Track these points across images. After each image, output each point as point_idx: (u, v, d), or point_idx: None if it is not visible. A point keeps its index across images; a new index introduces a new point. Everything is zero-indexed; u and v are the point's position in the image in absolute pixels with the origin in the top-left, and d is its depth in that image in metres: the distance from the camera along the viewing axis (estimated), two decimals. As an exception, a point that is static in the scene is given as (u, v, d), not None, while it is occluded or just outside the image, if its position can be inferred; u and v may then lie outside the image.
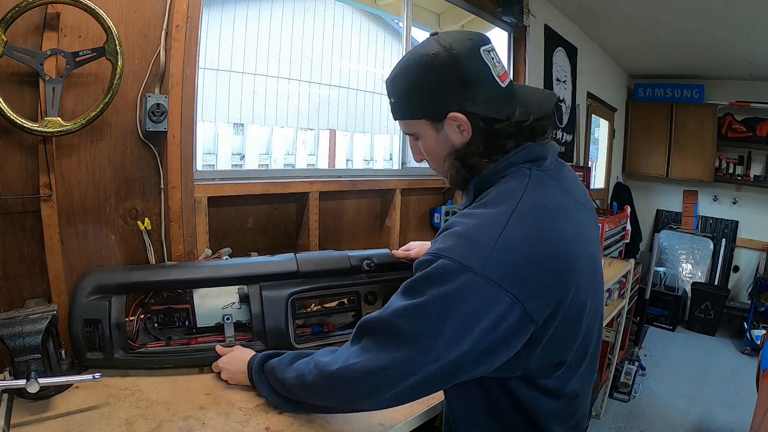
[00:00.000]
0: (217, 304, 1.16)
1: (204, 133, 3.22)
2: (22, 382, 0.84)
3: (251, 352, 1.03)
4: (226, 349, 1.08)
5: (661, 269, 4.58)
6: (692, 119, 4.56)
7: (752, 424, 1.79)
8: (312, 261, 1.24)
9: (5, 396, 0.89)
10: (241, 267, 1.18)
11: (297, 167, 3.69)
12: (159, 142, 1.27)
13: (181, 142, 1.29)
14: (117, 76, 1.09)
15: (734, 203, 4.66)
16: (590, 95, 3.92)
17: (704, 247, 4.66)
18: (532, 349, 0.69)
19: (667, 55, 4.00)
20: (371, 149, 4.39)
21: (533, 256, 0.66)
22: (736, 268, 4.65)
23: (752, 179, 4.44)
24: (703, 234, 4.73)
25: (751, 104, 4.28)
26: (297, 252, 1.28)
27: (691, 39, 3.45)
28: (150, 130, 1.22)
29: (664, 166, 4.76)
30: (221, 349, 1.09)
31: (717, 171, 4.53)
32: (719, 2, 2.72)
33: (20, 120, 0.99)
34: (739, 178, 4.48)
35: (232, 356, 1.05)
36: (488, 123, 0.75)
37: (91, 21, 1.06)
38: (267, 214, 1.62)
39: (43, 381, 0.86)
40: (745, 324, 3.92)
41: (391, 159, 4.23)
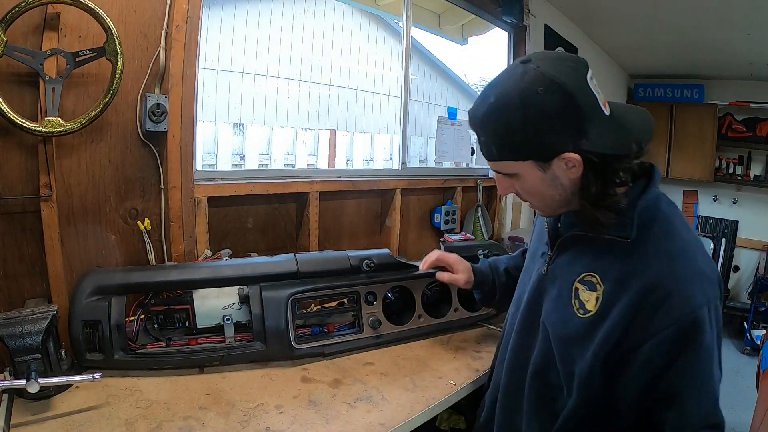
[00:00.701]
0: (217, 304, 1.16)
1: (204, 133, 3.22)
2: (22, 382, 0.84)
3: None
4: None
5: (662, 269, 4.56)
6: (692, 119, 4.55)
7: (752, 424, 1.78)
8: (312, 261, 1.24)
9: (5, 396, 0.89)
10: (241, 267, 1.18)
11: (297, 167, 3.69)
12: (159, 142, 1.27)
13: (181, 142, 1.29)
14: (117, 76, 1.09)
15: (734, 203, 4.66)
16: (590, 95, 3.91)
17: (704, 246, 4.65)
18: None
19: (667, 55, 3.99)
20: (371, 149, 4.40)
21: None
22: (736, 268, 4.64)
23: (752, 179, 4.43)
24: (703, 234, 4.71)
25: (751, 104, 4.27)
26: (297, 252, 1.28)
27: (691, 39, 3.45)
28: (150, 130, 1.23)
29: (664, 166, 4.74)
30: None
31: (717, 171, 4.52)
32: (719, 2, 2.72)
33: (20, 120, 1.00)
34: (739, 178, 4.47)
35: None
36: (602, 157, 0.70)
37: (91, 21, 1.06)
38: (267, 214, 1.62)
39: (43, 381, 0.86)
40: (745, 324, 3.92)
41: (391, 159, 4.23)
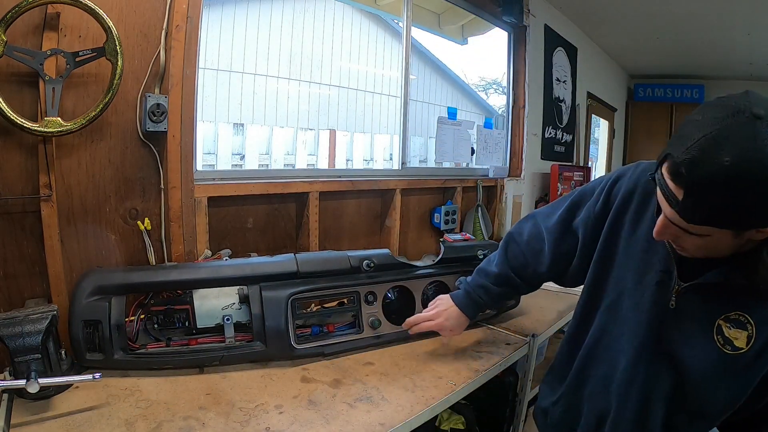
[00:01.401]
0: (217, 304, 1.16)
1: (204, 133, 3.21)
2: (22, 382, 0.84)
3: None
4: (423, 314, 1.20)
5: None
6: (692, 119, 4.56)
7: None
8: (312, 261, 1.24)
9: (5, 396, 0.89)
10: (241, 267, 1.18)
11: (297, 167, 3.68)
12: (159, 142, 1.27)
13: (181, 142, 1.29)
14: (117, 76, 1.09)
15: (734, 203, 4.66)
16: (590, 95, 3.92)
17: (704, 246, 4.64)
18: None
19: (667, 55, 4.00)
20: (371, 149, 4.39)
21: None
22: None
23: (752, 179, 4.44)
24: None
25: (751, 104, 4.27)
26: (297, 252, 1.28)
27: (691, 39, 3.45)
28: (150, 130, 1.22)
29: (664, 166, 4.75)
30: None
31: (717, 171, 4.53)
32: (719, 2, 2.72)
33: (20, 120, 1.00)
34: (739, 178, 4.48)
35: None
36: None
37: (91, 21, 1.06)
38: (267, 214, 1.62)
39: (43, 381, 0.86)
40: (745, 324, 3.91)
41: (391, 159, 4.23)
